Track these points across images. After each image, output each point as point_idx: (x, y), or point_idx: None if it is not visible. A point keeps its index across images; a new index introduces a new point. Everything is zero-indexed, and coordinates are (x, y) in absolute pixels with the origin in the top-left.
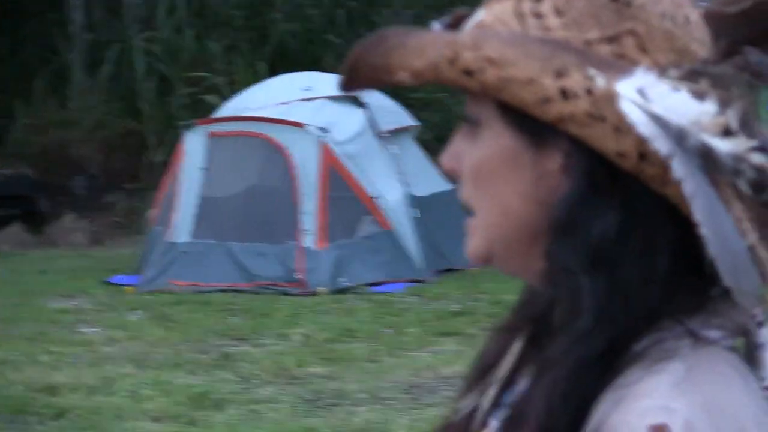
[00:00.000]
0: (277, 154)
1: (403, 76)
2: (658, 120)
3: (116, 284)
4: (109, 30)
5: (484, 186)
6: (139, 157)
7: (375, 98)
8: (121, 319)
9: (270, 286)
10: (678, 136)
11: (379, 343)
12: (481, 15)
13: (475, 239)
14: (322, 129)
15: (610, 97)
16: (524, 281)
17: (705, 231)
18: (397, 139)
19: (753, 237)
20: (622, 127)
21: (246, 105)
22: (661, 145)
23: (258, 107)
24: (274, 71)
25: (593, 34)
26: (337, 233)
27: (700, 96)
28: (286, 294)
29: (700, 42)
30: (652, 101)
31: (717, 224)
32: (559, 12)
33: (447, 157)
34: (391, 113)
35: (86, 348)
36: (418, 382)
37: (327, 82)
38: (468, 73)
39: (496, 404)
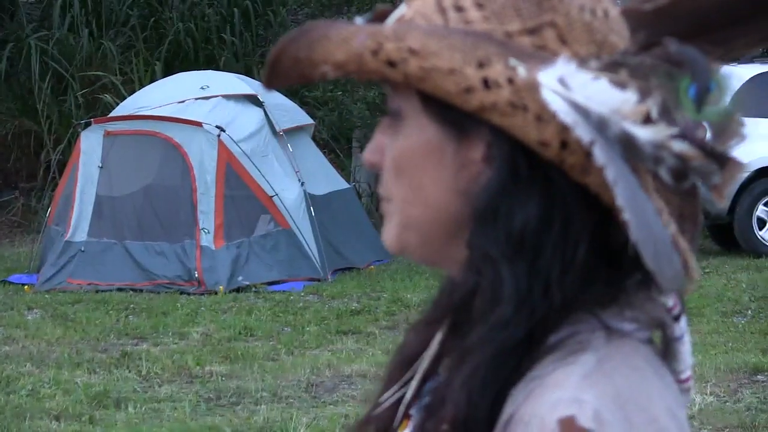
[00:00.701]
0: (174, 152)
1: (326, 69)
2: (579, 108)
3: (14, 283)
4: (3, 29)
5: (405, 177)
6: (36, 156)
7: (272, 97)
8: (19, 318)
9: (168, 285)
10: (599, 124)
11: (279, 341)
12: (402, 10)
13: (393, 228)
14: (220, 127)
15: (532, 87)
16: (442, 271)
17: (628, 216)
18: (294, 137)
19: (672, 228)
20: (544, 115)
21: (143, 104)
22: (582, 132)
23: (155, 106)
24: (170, 70)
25: (514, 26)
26: (235, 232)
27: (620, 85)
28: (184, 293)
29: (620, 35)
30: (573, 90)
31: (639, 210)
32: (479, 5)
33: (370, 151)
34: (288, 112)
35: None
36: (318, 381)
37: (224, 81)
38: (391, 63)
39: (418, 395)
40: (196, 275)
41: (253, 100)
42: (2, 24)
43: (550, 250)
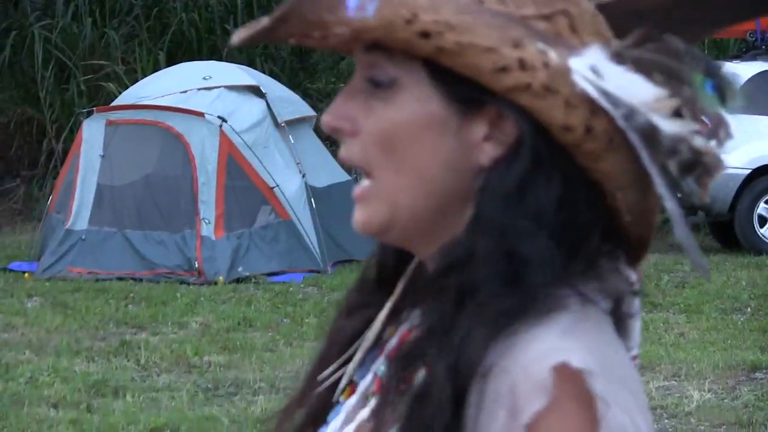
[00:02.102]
0: (176, 142)
1: (341, 31)
2: (609, 97)
3: (14, 271)
4: (7, 17)
5: (398, 150)
6: (38, 144)
7: (274, 88)
8: (19, 305)
9: (168, 275)
10: (627, 113)
11: (277, 332)
12: None
13: (375, 206)
14: (221, 118)
15: (565, 72)
16: (411, 251)
17: (669, 205)
18: (295, 129)
19: None
20: (573, 101)
21: (145, 93)
22: (619, 119)
23: (157, 96)
24: (173, 60)
25: (529, 10)
26: (235, 222)
27: (646, 76)
28: (184, 283)
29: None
30: (605, 79)
31: (674, 198)
32: None
33: (334, 116)
34: (290, 103)
35: None
36: None
37: (226, 72)
38: (425, 35)
39: (361, 367)
40: (196, 265)
41: (256, 91)
42: (6, 12)
43: (568, 228)
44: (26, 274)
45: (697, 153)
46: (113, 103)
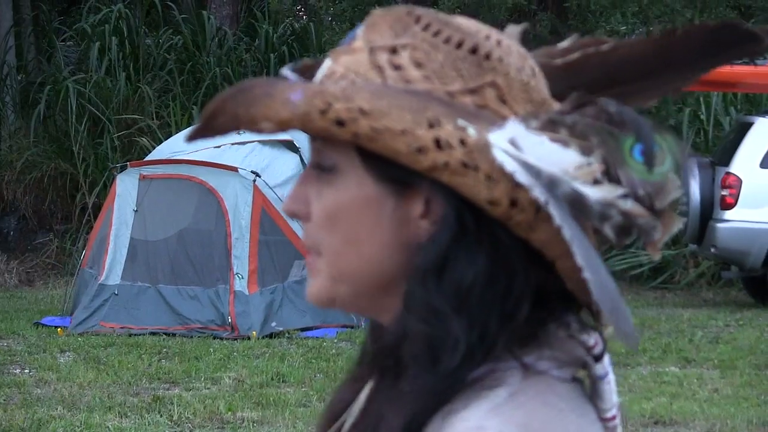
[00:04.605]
0: (209, 197)
1: (266, 126)
2: (531, 169)
3: (47, 326)
4: (41, 71)
5: (340, 230)
6: (71, 199)
7: (308, 143)
8: (52, 360)
9: (201, 330)
10: (549, 183)
11: (311, 388)
12: (329, 65)
13: (321, 280)
14: (255, 173)
15: (484, 147)
16: (372, 321)
17: (588, 276)
18: None
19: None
20: (494, 175)
21: (179, 148)
22: (538, 192)
23: (191, 150)
24: None
25: (456, 86)
26: (269, 277)
27: (564, 144)
28: (217, 338)
29: (547, 91)
30: (524, 151)
31: (595, 268)
32: (419, 64)
33: (291, 200)
34: None
35: (17, 389)
36: None
37: None
38: (339, 123)
39: None
40: (230, 320)
41: (289, 145)
42: (40, 66)
43: (494, 305)
44: (59, 329)
45: (628, 216)
46: (147, 158)
